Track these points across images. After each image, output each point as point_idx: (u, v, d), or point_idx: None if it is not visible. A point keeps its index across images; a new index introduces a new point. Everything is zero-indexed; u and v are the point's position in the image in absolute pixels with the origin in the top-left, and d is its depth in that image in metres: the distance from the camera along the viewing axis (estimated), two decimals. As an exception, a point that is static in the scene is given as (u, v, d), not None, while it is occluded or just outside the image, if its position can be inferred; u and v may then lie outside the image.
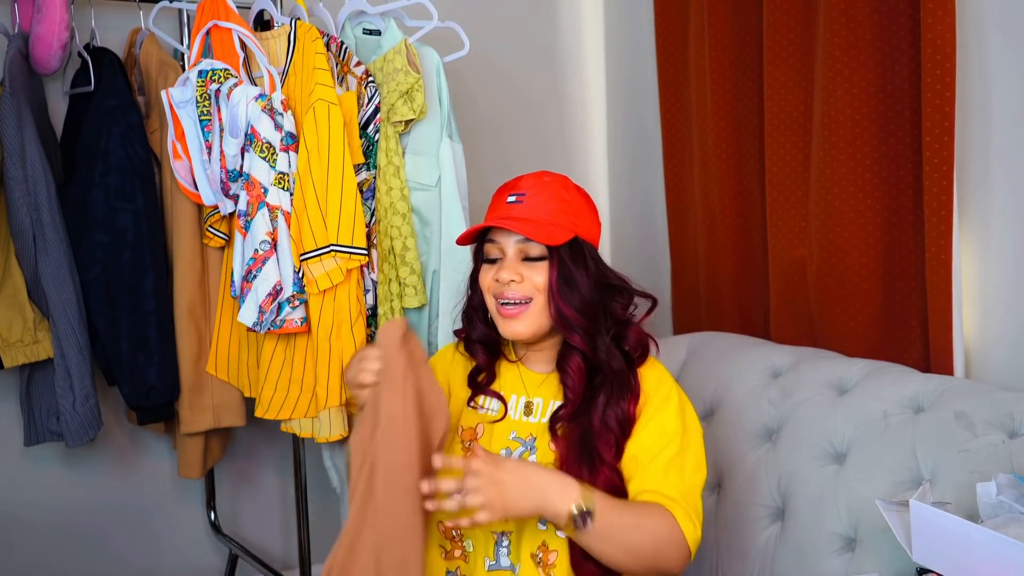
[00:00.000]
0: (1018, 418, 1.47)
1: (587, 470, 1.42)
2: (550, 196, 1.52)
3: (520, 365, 1.59)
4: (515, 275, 1.49)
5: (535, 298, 1.49)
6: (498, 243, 1.52)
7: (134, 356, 2.08)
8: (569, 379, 1.50)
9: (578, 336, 1.48)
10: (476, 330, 1.60)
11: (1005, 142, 1.73)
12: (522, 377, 1.58)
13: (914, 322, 1.89)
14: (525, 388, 1.57)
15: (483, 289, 1.54)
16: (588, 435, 1.46)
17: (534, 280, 1.49)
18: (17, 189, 1.94)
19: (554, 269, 1.48)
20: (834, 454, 1.65)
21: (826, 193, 1.97)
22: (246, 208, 1.87)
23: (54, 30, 1.95)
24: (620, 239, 2.87)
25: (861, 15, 1.90)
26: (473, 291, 1.60)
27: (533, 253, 1.50)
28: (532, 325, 1.50)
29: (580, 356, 1.50)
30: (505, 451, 1.53)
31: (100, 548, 2.40)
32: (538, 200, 1.51)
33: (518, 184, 1.55)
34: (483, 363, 1.60)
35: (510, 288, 1.49)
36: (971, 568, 1.19)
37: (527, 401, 1.56)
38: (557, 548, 1.45)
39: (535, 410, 1.55)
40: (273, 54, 2.00)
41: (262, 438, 2.54)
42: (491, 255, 1.54)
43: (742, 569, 1.74)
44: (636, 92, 2.74)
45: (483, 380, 1.59)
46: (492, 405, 1.58)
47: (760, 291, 2.25)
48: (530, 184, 1.53)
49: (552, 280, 1.48)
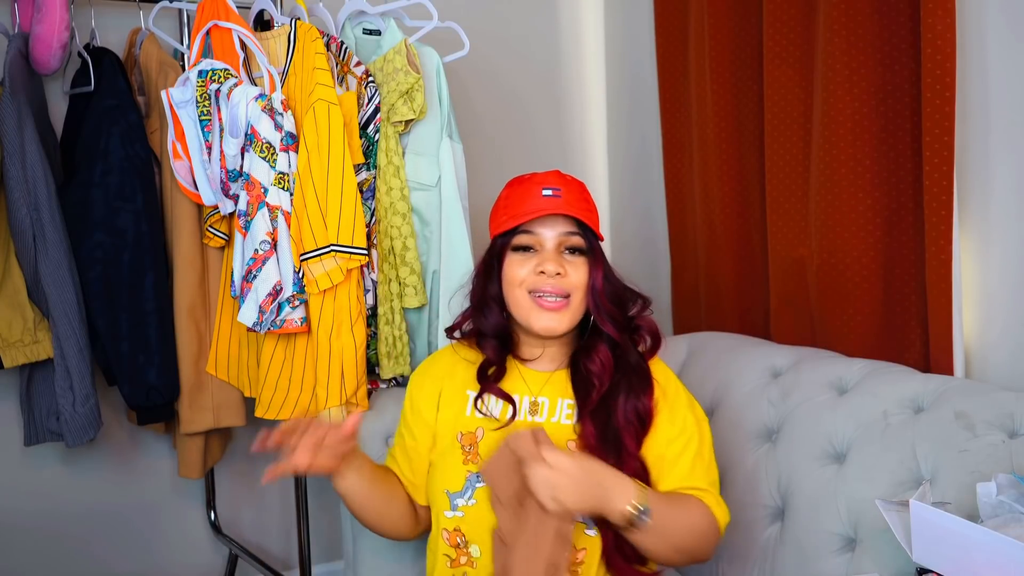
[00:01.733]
0: (1018, 418, 1.47)
1: (614, 462, 1.43)
2: (579, 195, 1.54)
3: (520, 364, 1.57)
4: (560, 268, 1.49)
5: (573, 295, 1.50)
6: (536, 234, 1.51)
7: (134, 356, 2.08)
8: (595, 366, 1.50)
9: (612, 327, 1.51)
10: (490, 320, 1.56)
11: (1005, 142, 1.73)
12: (523, 376, 1.57)
13: (914, 322, 1.89)
14: (528, 387, 1.56)
15: (511, 281, 1.51)
16: (612, 428, 1.46)
17: (573, 276, 1.49)
18: (17, 189, 1.94)
19: (599, 263, 1.51)
20: (834, 454, 1.65)
21: (826, 193, 1.97)
22: (246, 208, 1.87)
23: (54, 30, 1.95)
24: (620, 239, 2.86)
25: (861, 15, 1.90)
26: (488, 281, 1.56)
27: (577, 245, 1.51)
28: (569, 321, 1.51)
29: (608, 347, 1.51)
30: None
31: (100, 548, 2.40)
32: (572, 197, 1.52)
33: (547, 179, 1.53)
34: (494, 358, 1.56)
35: (554, 281, 1.48)
36: (971, 568, 1.19)
37: (532, 401, 1.54)
38: (586, 546, 1.45)
39: (541, 409, 1.54)
40: (273, 54, 2.00)
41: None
42: (526, 244, 1.51)
43: (742, 569, 1.74)
44: (636, 92, 2.74)
45: (493, 375, 1.55)
46: (491, 407, 1.55)
47: (760, 291, 2.25)
48: (558, 180, 1.53)
49: (598, 274, 1.50)
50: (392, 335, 1.99)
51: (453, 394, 1.59)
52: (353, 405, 1.93)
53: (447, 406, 1.58)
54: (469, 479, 1.50)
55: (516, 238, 1.52)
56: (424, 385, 1.62)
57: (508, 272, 1.52)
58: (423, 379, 1.64)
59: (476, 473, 1.49)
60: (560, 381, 1.55)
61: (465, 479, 1.50)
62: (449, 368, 1.62)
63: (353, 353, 1.89)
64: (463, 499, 1.49)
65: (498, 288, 1.55)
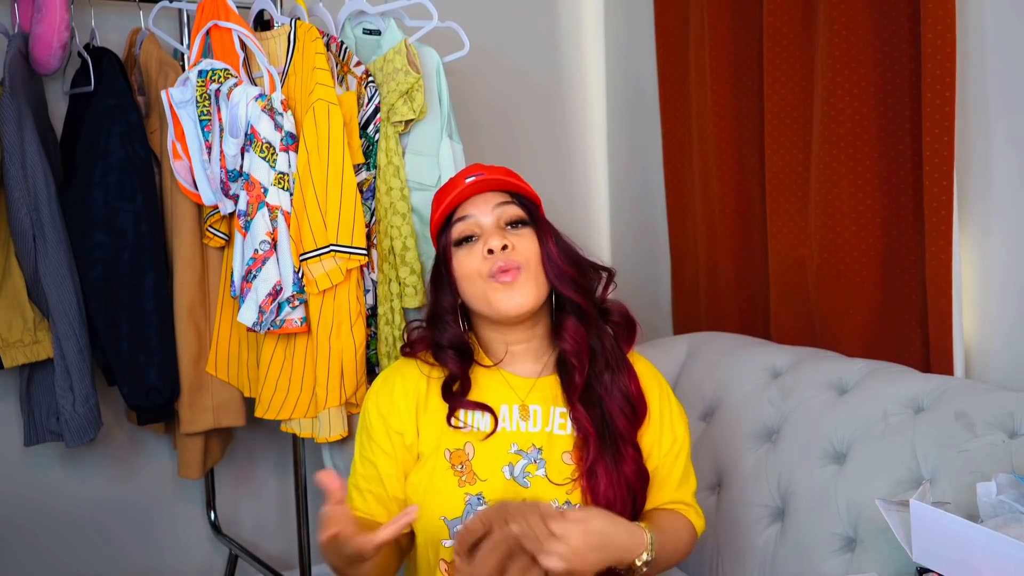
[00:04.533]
0: (1018, 418, 1.47)
1: (613, 458, 1.42)
2: (506, 173, 1.51)
3: (501, 370, 1.48)
4: (505, 240, 1.41)
5: (525, 268, 1.42)
6: (473, 217, 1.45)
7: (134, 356, 2.08)
8: (569, 344, 1.45)
9: (574, 291, 1.44)
10: (446, 333, 1.47)
11: (1005, 142, 1.73)
12: (507, 382, 1.48)
13: (914, 322, 1.89)
14: (515, 394, 1.47)
15: (463, 275, 1.44)
16: (605, 420, 1.44)
17: (522, 248, 1.42)
18: (17, 189, 1.94)
19: (546, 231, 1.46)
20: (834, 454, 1.65)
21: (826, 193, 1.97)
22: (246, 208, 1.87)
23: (54, 30, 1.95)
24: (620, 239, 2.87)
25: (861, 15, 1.90)
26: (440, 292, 1.48)
27: (516, 216, 1.45)
28: (531, 293, 1.42)
29: (575, 317, 1.46)
30: (507, 467, 1.42)
31: (100, 548, 2.40)
32: (498, 175, 1.48)
33: (468, 170, 1.50)
34: (456, 371, 1.46)
35: (504, 255, 1.40)
36: (971, 568, 1.19)
37: (521, 407, 1.46)
38: None
39: (533, 417, 1.46)
40: (273, 54, 2.00)
41: (262, 438, 2.54)
42: (465, 234, 1.45)
43: (742, 569, 1.74)
44: (636, 91, 2.74)
45: (458, 390, 1.45)
46: (475, 420, 1.45)
47: (760, 291, 2.25)
48: (481, 168, 1.50)
49: (548, 241, 1.44)
50: (392, 335, 1.98)
51: (434, 409, 1.47)
52: (353, 405, 1.93)
53: (429, 423, 1.46)
54: (469, 502, 1.40)
55: (454, 229, 1.45)
56: (397, 400, 1.48)
57: (458, 269, 1.45)
58: (391, 394, 1.49)
59: (476, 495, 1.41)
60: (549, 387, 1.48)
61: (464, 503, 1.41)
62: (424, 382, 1.49)
63: (353, 353, 1.89)
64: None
65: (451, 298, 1.47)
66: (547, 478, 1.43)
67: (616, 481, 1.41)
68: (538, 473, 1.43)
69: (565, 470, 1.43)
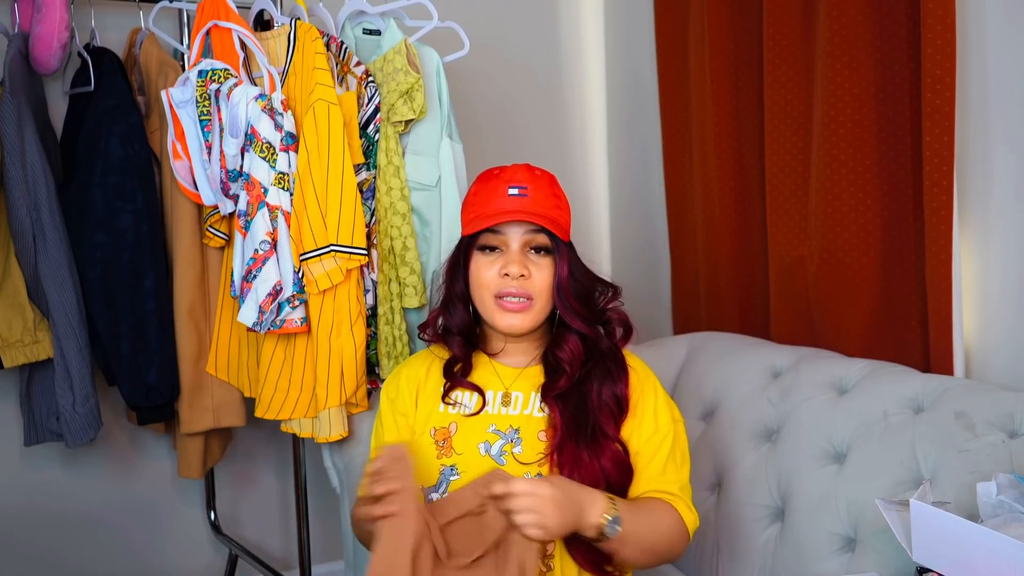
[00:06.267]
0: (1018, 418, 1.47)
1: (589, 447, 1.46)
2: (548, 192, 1.54)
3: (493, 361, 1.59)
4: (524, 270, 1.50)
5: (537, 299, 1.51)
6: (502, 234, 1.51)
7: (134, 356, 2.08)
8: (565, 354, 1.52)
9: (580, 322, 1.52)
10: (455, 318, 1.58)
11: (1005, 142, 1.73)
12: (496, 372, 1.58)
13: (914, 322, 1.88)
14: (501, 382, 1.57)
15: (477, 282, 1.53)
16: (585, 412, 1.49)
17: (538, 279, 1.50)
18: (17, 189, 1.94)
19: (564, 263, 1.52)
20: (834, 454, 1.65)
21: (826, 193, 1.97)
22: (246, 208, 1.87)
23: (54, 30, 1.95)
24: (620, 239, 2.87)
25: (861, 15, 1.90)
26: (454, 280, 1.57)
27: (542, 244, 1.51)
28: (533, 321, 1.52)
29: (578, 338, 1.54)
30: (483, 445, 1.51)
31: (100, 548, 2.40)
32: (540, 195, 1.52)
33: (514, 176, 1.53)
34: (460, 354, 1.58)
35: (518, 283, 1.49)
36: (971, 568, 1.19)
37: (504, 394, 1.56)
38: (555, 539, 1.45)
39: (514, 403, 1.55)
40: (273, 54, 2.00)
41: (262, 438, 2.55)
42: (491, 244, 1.52)
43: (742, 569, 1.74)
44: (636, 91, 2.74)
45: (459, 370, 1.57)
46: (465, 400, 1.56)
47: (760, 291, 2.25)
48: (526, 177, 1.53)
49: (563, 274, 1.51)
50: (392, 335, 1.99)
51: (430, 392, 1.59)
52: (353, 405, 1.93)
53: (424, 404, 1.59)
54: (443, 472, 1.51)
55: (482, 238, 1.53)
56: (401, 386, 1.62)
57: (474, 273, 1.53)
58: (398, 380, 1.63)
59: (450, 466, 1.51)
60: (534, 376, 1.56)
61: (439, 473, 1.51)
62: (425, 367, 1.62)
63: (353, 353, 1.89)
64: (437, 493, 1.50)
65: (464, 286, 1.56)
66: (522, 455, 1.50)
67: (588, 464, 1.45)
68: (515, 451, 1.51)
69: (539, 446, 1.50)
